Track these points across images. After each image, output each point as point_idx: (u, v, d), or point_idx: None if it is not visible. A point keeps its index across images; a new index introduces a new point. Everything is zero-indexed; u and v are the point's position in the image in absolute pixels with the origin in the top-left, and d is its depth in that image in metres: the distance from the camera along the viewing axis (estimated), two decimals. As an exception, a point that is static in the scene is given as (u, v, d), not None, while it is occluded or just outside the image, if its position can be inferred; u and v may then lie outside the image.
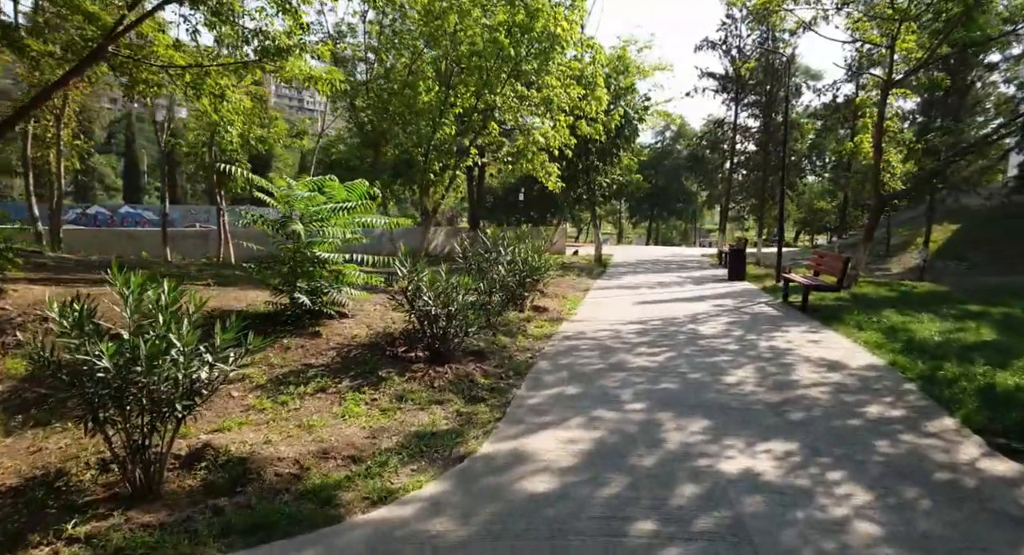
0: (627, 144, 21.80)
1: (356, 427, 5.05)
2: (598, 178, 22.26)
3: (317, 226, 7.03)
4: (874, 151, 14.16)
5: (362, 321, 7.49)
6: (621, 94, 20.70)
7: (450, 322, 6.53)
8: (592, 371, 6.69)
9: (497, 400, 5.76)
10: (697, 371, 6.70)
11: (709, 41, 24.61)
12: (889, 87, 12.86)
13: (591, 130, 15.31)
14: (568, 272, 18.72)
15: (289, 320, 6.85)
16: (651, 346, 7.92)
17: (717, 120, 27.48)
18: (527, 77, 13.07)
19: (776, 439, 4.81)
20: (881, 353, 7.35)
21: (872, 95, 14.34)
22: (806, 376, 6.49)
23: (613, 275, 18.70)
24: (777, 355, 7.39)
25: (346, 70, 13.07)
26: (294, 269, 6.79)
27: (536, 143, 14.64)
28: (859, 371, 6.65)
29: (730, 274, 16.92)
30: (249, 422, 5.02)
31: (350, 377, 6.00)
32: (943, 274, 19.72)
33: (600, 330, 9.00)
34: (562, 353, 7.50)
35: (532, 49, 12.92)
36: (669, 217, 63.16)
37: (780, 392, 5.96)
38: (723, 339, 8.36)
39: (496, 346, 7.62)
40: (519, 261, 9.71)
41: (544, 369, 6.77)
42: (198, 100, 8.38)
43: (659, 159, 54.56)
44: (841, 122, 20.07)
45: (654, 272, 19.97)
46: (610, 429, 5.04)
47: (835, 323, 9.42)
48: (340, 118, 14.28)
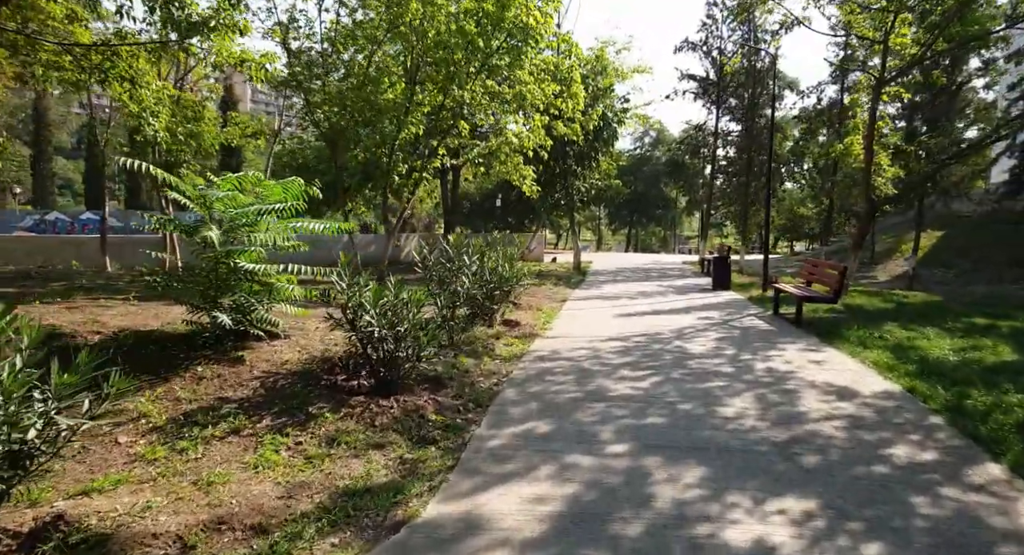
0: (606, 147, 20.99)
1: (269, 482, 4.02)
2: (576, 182, 21.40)
3: (246, 231, 5.98)
4: (865, 153, 13.45)
5: (298, 343, 6.44)
6: (599, 95, 19.88)
7: (399, 345, 5.52)
8: (566, 401, 5.72)
9: (451, 441, 4.77)
10: (688, 400, 5.76)
11: (689, 42, 23.96)
12: (882, 85, 12.16)
13: (568, 131, 14.42)
14: (545, 281, 17.80)
15: (208, 343, 5.79)
16: (634, 368, 6.98)
17: (698, 124, 26.84)
18: (498, 73, 12.15)
19: (790, 494, 3.88)
20: (894, 377, 6.48)
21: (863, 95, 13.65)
22: (814, 406, 5.59)
23: (592, 284, 17.81)
24: (777, 379, 6.48)
25: (299, 62, 12.01)
26: (214, 282, 5.73)
27: (509, 144, 13.71)
28: (874, 400, 5.75)
29: (714, 283, 16.12)
30: (131, 479, 3.96)
31: (272, 414, 4.95)
32: (931, 282, 19.17)
33: (577, 348, 8.04)
34: (533, 378, 6.52)
35: (503, 42, 12.00)
36: (648, 224, 62.73)
37: (787, 428, 5.04)
38: (714, 359, 7.44)
39: (457, 370, 6.62)
40: (487, 271, 8.74)
41: (511, 399, 5.78)
42: (106, 86, 7.28)
43: (638, 165, 54.13)
44: (826, 125, 19.47)
45: (635, 281, 19.12)
46: (587, 481, 4.08)
47: (835, 339, 8.57)
48: (304, 118, 13.21)
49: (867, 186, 13.51)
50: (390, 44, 12.54)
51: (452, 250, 7.88)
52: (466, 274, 7.89)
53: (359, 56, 12.15)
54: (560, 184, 21.58)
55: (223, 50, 7.10)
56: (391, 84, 12.82)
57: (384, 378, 5.56)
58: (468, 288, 7.87)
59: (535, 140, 14.05)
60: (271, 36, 11.42)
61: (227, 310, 5.76)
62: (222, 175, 6.18)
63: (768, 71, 21.95)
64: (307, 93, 12.01)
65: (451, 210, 25.05)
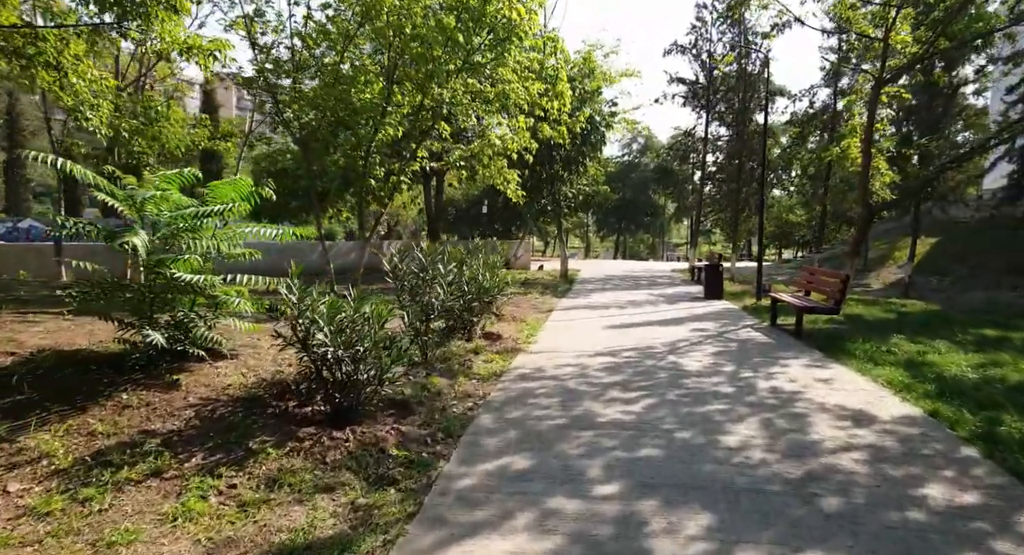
0: (593, 152, 20.42)
1: (187, 540, 3.32)
2: (563, 188, 20.80)
3: (188, 237, 5.26)
4: (862, 157, 12.93)
5: (246, 364, 5.73)
6: (587, 98, 19.32)
7: (357, 367, 4.84)
8: (550, 429, 5.05)
9: (414, 481, 4.09)
10: (686, 427, 5.10)
11: (679, 45, 23.46)
12: (881, 85, 11.67)
13: (554, 133, 13.80)
14: (531, 289, 17.14)
15: (139, 365, 5.06)
16: (625, 388, 6.32)
17: (687, 130, 26.36)
18: (480, 72, 11.52)
19: (813, 550, 3.23)
20: (913, 398, 5.87)
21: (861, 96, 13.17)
22: (828, 434, 4.95)
23: (580, 292, 17.17)
24: (784, 401, 5.85)
25: (267, 59, 11.29)
26: (147, 296, 5.01)
27: (492, 146, 13.06)
28: (895, 426, 5.13)
29: (706, 292, 15.53)
30: (11, 540, 3.24)
31: (205, 450, 4.24)
32: (926, 290, 18.73)
33: (563, 365, 7.37)
34: (513, 401, 5.84)
35: (486, 39, 11.38)
36: (637, 231, 62.33)
37: (800, 461, 4.39)
38: (713, 377, 6.80)
39: (428, 392, 5.93)
40: (464, 281, 8.07)
41: (486, 427, 5.10)
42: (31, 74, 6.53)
43: (626, 172, 53.76)
44: (819, 129, 19.03)
45: (624, 289, 18.51)
46: (571, 532, 3.42)
47: (840, 354, 7.97)
48: (275, 119, 12.48)
49: (864, 191, 13.00)
50: (364, 39, 11.88)
51: (425, 258, 7.20)
52: (441, 284, 7.21)
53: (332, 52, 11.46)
54: (547, 189, 20.97)
55: (166, 35, 6.40)
56: (367, 83, 12.14)
57: (340, 405, 4.86)
58: (443, 300, 7.19)
59: (520, 143, 13.42)
60: (234, 29, 10.71)
61: (163, 327, 5.04)
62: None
63: (759, 74, 21.52)
64: (274, 91, 11.31)
65: (435, 216, 24.34)
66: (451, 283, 7.58)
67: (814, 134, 19.67)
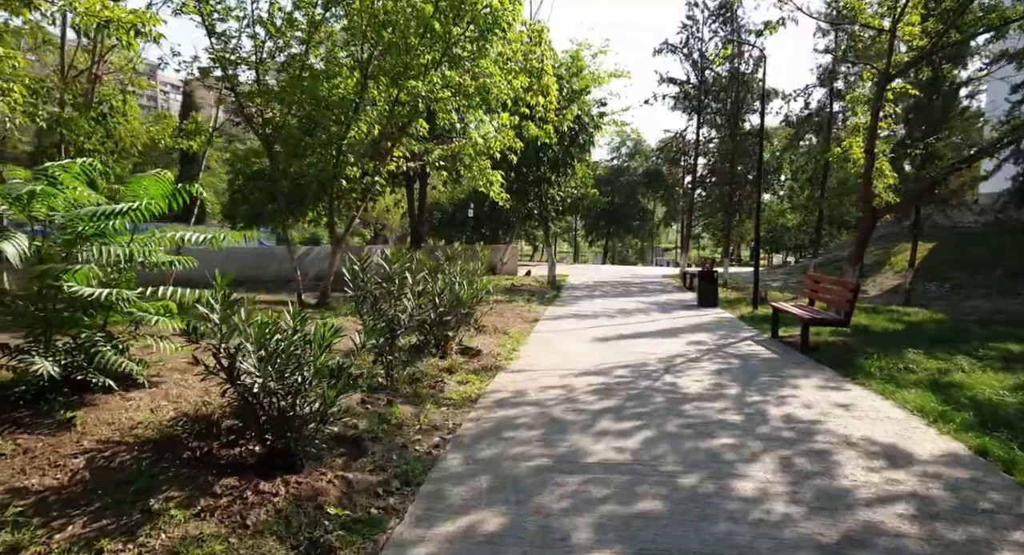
0: (581, 153, 19.66)
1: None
2: (551, 191, 20.00)
3: (96, 242, 4.37)
4: (866, 157, 12.22)
5: (167, 393, 4.84)
6: (574, 97, 18.55)
7: (296, 401, 3.98)
8: (528, 473, 4.21)
9: (356, 549, 3.23)
10: (690, 469, 4.28)
11: (669, 44, 22.82)
12: (887, 81, 10.98)
13: (540, 132, 13.00)
14: (516, 297, 16.31)
15: (26, 399, 4.16)
16: (618, 417, 5.49)
17: (678, 132, 25.68)
18: (460, 65, 10.71)
19: None
20: (951, 430, 5.08)
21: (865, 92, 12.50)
22: (860, 477, 4.15)
23: (568, 300, 16.36)
24: (802, 434, 5.04)
25: (224, 48, 10.40)
26: (40, 314, 4.12)
27: (475, 145, 12.23)
28: (937, 467, 4.33)
29: (700, 300, 14.77)
30: None
31: (89, 516, 3.35)
32: (926, 297, 18.06)
33: (547, 387, 6.54)
34: (487, 434, 4.99)
35: (466, 30, 10.58)
36: (626, 236, 61.69)
37: (832, 518, 3.58)
38: (716, 402, 5.99)
39: (388, 424, 5.07)
40: (437, 292, 7.23)
41: (453, 471, 4.25)
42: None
43: (615, 175, 53.11)
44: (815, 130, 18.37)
45: (613, 296, 17.72)
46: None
47: (855, 372, 7.19)
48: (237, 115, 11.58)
49: (867, 193, 12.28)
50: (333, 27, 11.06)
51: (391, 266, 6.34)
52: (409, 296, 6.35)
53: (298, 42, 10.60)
54: (534, 192, 20.17)
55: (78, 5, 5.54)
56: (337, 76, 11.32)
57: (275, 447, 4.00)
58: (411, 313, 6.33)
59: (503, 142, 12.61)
60: (184, 12, 9.80)
61: (62, 351, 4.15)
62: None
63: (752, 74, 20.90)
64: (234, 83, 10.43)
65: (419, 220, 23.45)
66: (421, 294, 6.72)
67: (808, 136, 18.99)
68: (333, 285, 14.65)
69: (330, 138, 11.25)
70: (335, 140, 11.19)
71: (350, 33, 11.18)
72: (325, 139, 11.22)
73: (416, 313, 6.46)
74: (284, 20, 10.19)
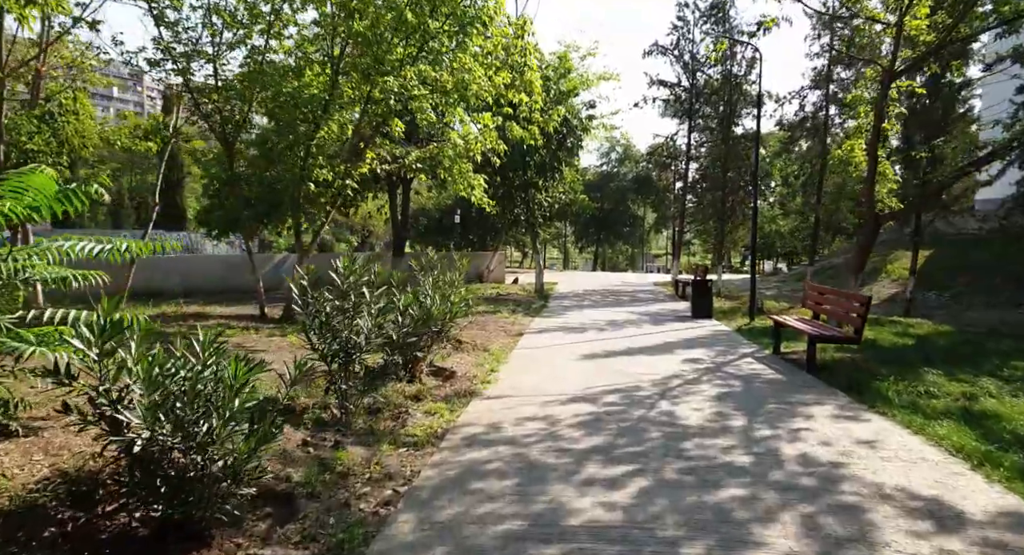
0: (570, 157, 18.91)
1: None
2: (538, 196, 19.23)
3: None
4: (868, 160, 11.54)
5: (48, 444, 3.98)
6: (562, 99, 17.82)
7: (202, 454, 3.15)
8: (496, 542, 3.38)
9: None
10: (695, 535, 3.47)
11: (659, 46, 22.15)
12: (892, 78, 10.30)
13: (525, 134, 12.23)
14: (501, 307, 15.51)
15: None
16: (607, 459, 4.68)
17: (669, 135, 25.01)
18: (438, 60, 9.92)
19: None
20: (1001, 476, 4.29)
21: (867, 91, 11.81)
22: (906, 547, 3.35)
23: (555, 310, 15.56)
24: (824, 481, 4.24)
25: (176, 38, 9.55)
26: None
27: (454, 147, 11.43)
28: (1000, 533, 3.53)
29: (694, 311, 14.01)
30: None
31: None
32: (926, 307, 17.42)
33: (526, 419, 5.72)
34: (450, 486, 4.16)
35: (444, 24, 9.81)
36: (616, 242, 61.05)
37: (882, 610, 2.78)
38: (720, 438, 5.18)
39: (332, 472, 4.24)
40: (401, 308, 6.41)
41: (402, 541, 3.41)
42: None
43: (605, 181, 52.47)
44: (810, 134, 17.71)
45: (603, 306, 16.94)
46: None
47: (872, 398, 6.42)
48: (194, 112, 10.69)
49: (871, 199, 11.59)
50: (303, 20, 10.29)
51: (343, 280, 5.50)
52: (366, 315, 5.51)
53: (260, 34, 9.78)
54: (520, 198, 19.39)
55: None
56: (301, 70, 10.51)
57: (170, 517, 3.15)
58: (368, 335, 5.49)
59: (485, 143, 11.82)
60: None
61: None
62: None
63: (745, 76, 20.26)
64: (187, 76, 9.58)
65: (402, 227, 22.58)
66: (384, 311, 5.89)
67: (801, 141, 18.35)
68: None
69: (297, 138, 10.42)
70: (303, 140, 10.37)
71: (320, 25, 10.38)
72: (292, 139, 10.39)
73: (375, 334, 5.62)
74: (246, 9, 9.35)
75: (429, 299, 7.15)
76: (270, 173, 12.24)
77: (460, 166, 11.98)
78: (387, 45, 9.27)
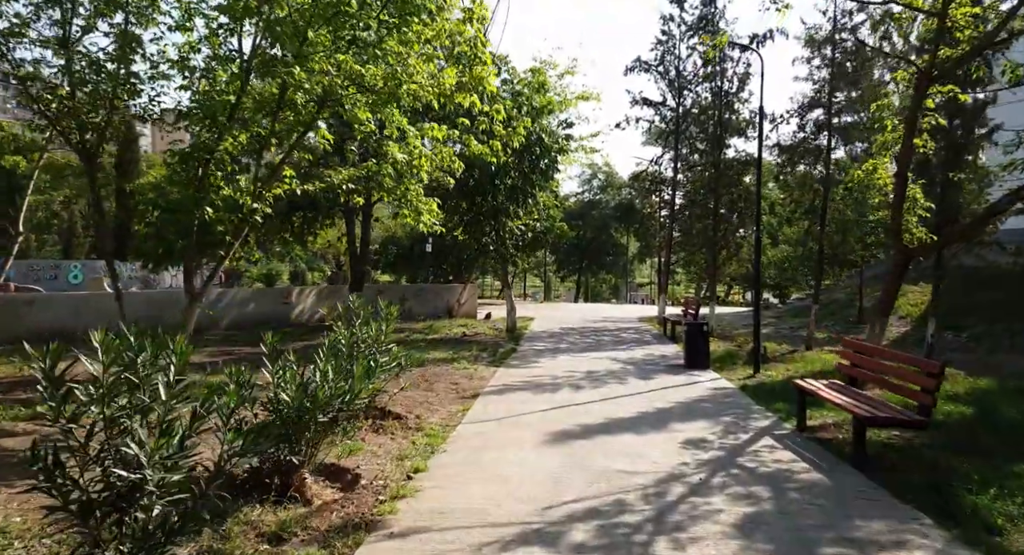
0: (544, 180, 16.88)
1: None
2: (509, 223, 17.11)
3: None
4: (896, 182, 9.58)
5: None
6: (535, 116, 15.83)
7: None
8: None
9: None
10: None
11: (643, 62, 20.40)
12: (930, 83, 8.43)
13: (484, 149, 10.12)
14: (463, 351, 13.27)
15: None
16: None
17: (655, 158, 23.14)
18: (368, 52, 7.85)
19: None
20: None
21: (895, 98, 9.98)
22: None
23: (525, 356, 13.33)
24: None
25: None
26: None
27: (395, 163, 9.28)
28: None
29: (688, 359, 11.87)
30: None
31: None
32: (945, 349, 15.47)
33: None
34: None
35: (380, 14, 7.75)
36: (599, 271, 59.16)
37: None
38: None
39: None
40: (268, 399, 4.14)
41: None
42: None
43: (587, 209, 50.75)
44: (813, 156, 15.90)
45: (581, 350, 14.74)
46: None
47: (973, 526, 4.25)
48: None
49: (898, 228, 9.61)
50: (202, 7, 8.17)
51: (107, 356, 3.22)
52: (157, 406, 3.22)
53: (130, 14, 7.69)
54: (490, 225, 17.25)
55: None
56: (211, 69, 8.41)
57: None
58: (150, 473, 3.18)
59: (437, 160, 9.70)
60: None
61: None
62: None
63: (737, 93, 18.49)
64: (19, 70, 7.38)
65: (360, 258, 20.32)
66: (199, 414, 3.59)
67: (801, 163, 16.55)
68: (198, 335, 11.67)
69: (195, 149, 8.24)
70: (199, 152, 8.18)
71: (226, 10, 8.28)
72: (188, 151, 8.22)
73: (173, 462, 3.29)
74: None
75: (320, 373, 4.89)
76: (91, 184, 9.74)
77: (409, 186, 9.79)
78: (302, 35, 7.19)
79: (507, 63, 17.73)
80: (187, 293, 8.67)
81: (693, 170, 20.81)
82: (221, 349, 14.05)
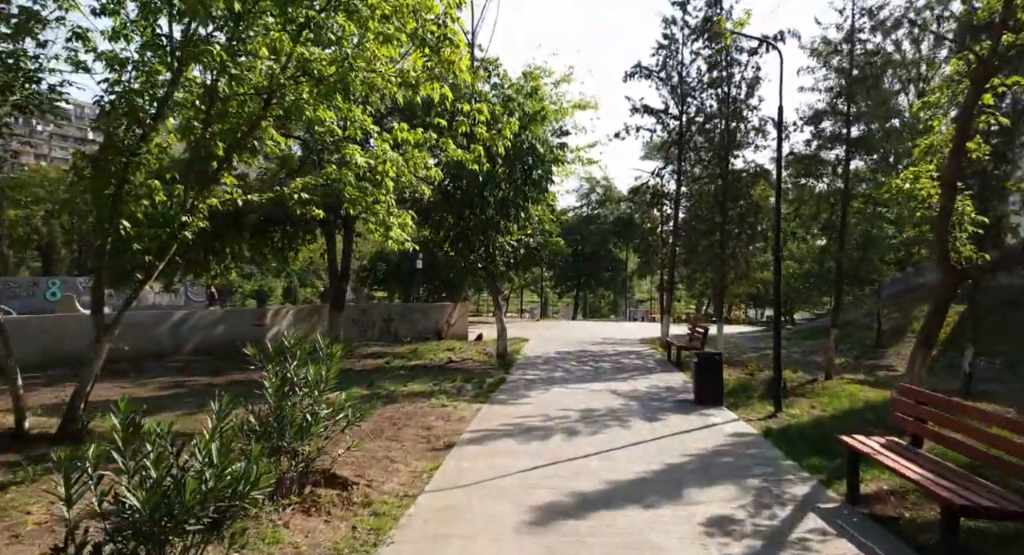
0: (537, 192, 15.50)
1: None
2: (499, 239, 15.69)
3: None
4: (943, 191, 8.21)
5: None
6: (527, 124, 14.50)
7: None
8: None
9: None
10: None
11: (643, 68, 19.14)
12: (990, 74, 7.12)
13: (464, 155, 8.75)
14: (445, 383, 11.84)
15: None
16: None
17: (656, 170, 21.83)
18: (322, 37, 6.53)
19: None
20: None
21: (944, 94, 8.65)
22: None
23: (514, 388, 11.86)
24: None
25: None
26: None
27: (357, 169, 7.89)
28: None
29: (698, 393, 10.42)
30: None
31: None
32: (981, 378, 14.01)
33: None
34: None
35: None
36: (597, 287, 57.72)
37: None
38: None
39: None
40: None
41: None
42: None
43: (584, 224, 49.36)
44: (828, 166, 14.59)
45: (578, 379, 13.28)
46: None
47: None
48: None
49: (945, 245, 8.22)
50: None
51: None
52: None
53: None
54: (479, 241, 15.84)
55: None
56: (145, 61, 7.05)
57: None
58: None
59: (407, 168, 8.32)
60: None
61: None
62: None
63: (746, 100, 17.21)
64: None
65: (341, 276, 18.86)
66: None
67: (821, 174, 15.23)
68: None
69: (111, 148, 6.86)
70: (115, 154, 6.80)
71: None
72: (100, 154, 6.84)
73: None
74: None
75: (201, 455, 3.44)
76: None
77: (379, 197, 8.37)
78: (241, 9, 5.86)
79: (497, 67, 16.49)
80: (95, 326, 7.19)
81: (698, 182, 19.46)
82: (174, 380, 12.57)
